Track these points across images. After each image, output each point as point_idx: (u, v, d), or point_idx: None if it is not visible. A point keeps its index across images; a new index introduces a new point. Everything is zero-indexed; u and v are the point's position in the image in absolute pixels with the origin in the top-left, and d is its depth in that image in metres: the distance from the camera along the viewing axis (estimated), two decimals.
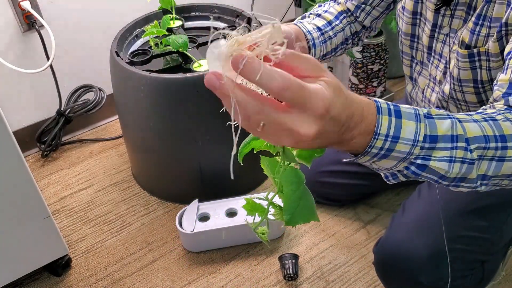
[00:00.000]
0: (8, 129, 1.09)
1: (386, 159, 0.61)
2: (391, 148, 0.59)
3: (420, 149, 0.60)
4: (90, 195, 1.63)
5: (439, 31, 0.99)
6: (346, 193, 1.46)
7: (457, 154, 0.63)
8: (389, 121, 0.58)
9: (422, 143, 0.60)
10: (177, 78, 1.34)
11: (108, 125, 1.91)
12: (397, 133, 0.58)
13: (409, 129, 0.59)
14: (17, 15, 1.57)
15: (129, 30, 1.54)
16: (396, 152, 0.59)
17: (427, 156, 0.61)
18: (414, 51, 1.09)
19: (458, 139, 0.63)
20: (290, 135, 0.52)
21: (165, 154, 1.49)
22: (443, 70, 1.01)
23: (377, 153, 0.59)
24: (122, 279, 1.38)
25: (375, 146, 0.58)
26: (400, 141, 0.59)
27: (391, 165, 0.62)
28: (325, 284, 1.32)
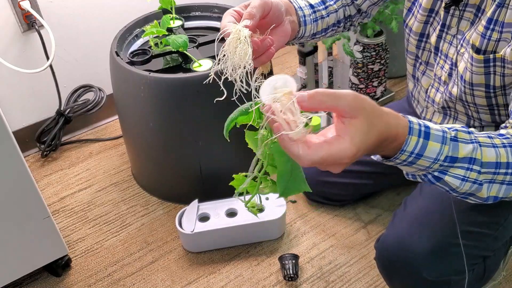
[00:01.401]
0: (8, 129, 1.09)
1: (408, 167, 0.72)
2: (414, 162, 0.70)
3: (439, 166, 0.71)
4: (90, 195, 1.63)
5: (447, 31, 0.99)
6: (347, 193, 1.46)
7: (471, 175, 0.72)
8: (417, 141, 0.69)
9: (442, 162, 0.70)
10: (177, 78, 1.34)
11: (108, 125, 1.90)
12: (422, 151, 0.69)
13: (433, 149, 0.69)
14: (17, 15, 1.56)
15: (129, 30, 1.54)
16: (417, 165, 0.70)
17: (444, 171, 0.71)
18: (421, 51, 1.09)
19: (475, 162, 0.72)
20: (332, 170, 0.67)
21: (165, 154, 1.49)
22: (448, 71, 1.01)
23: (400, 163, 0.71)
24: (122, 279, 1.38)
25: (400, 158, 0.69)
26: (423, 158, 0.69)
27: (411, 171, 0.73)
28: (325, 284, 1.32)
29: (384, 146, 0.67)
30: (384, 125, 0.67)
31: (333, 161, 0.64)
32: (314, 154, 0.62)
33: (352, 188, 1.43)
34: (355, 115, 0.63)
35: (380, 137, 0.66)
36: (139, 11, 1.59)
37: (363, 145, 0.64)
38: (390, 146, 0.68)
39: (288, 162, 0.72)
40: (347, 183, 1.41)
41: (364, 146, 0.64)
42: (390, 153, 0.70)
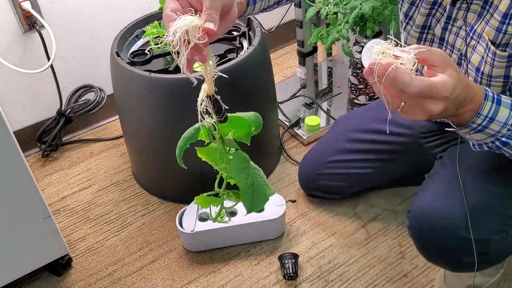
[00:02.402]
0: (9, 129, 1.09)
1: (480, 133, 0.83)
2: (487, 126, 0.81)
3: (507, 130, 0.83)
4: (91, 195, 1.63)
5: (452, 23, 1.00)
6: (348, 184, 1.45)
7: None
8: (491, 106, 0.81)
9: (510, 126, 0.83)
10: (177, 78, 1.35)
11: (109, 125, 1.91)
12: (494, 115, 0.81)
13: (504, 114, 0.82)
14: (18, 15, 1.57)
15: (129, 30, 1.55)
16: (489, 129, 0.82)
17: (510, 136, 0.84)
18: (422, 42, 1.09)
19: None
20: (424, 113, 0.75)
21: (166, 154, 1.49)
22: (457, 61, 1.03)
23: (475, 128, 0.82)
24: (122, 279, 1.38)
25: (476, 122, 0.81)
26: (495, 122, 0.81)
27: (482, 138, 0.84)
28: (324, 284, 1.33)
29: (465, 104, 0.78)
30: (468, 81, 0.79)
31: (436, 91, 0.73)
32: (422, 81, 0.72)
33: (353, 178, 1.43)
34: (446, 66, 0.75)
35: (466, 90, 0.77)
36: (140, 12, 1.60)
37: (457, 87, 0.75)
38: (470, 107, 0.80)
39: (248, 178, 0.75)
40: (347, 174, 1.41)
41: (458, 90, 0.75)
42: (467, 117, 0.81)
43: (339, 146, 1.42)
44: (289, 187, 1.60)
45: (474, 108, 0.80)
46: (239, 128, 0.78)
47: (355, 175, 1.41)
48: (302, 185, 1.54)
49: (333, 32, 1.55)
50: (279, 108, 1.81)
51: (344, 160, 1.41)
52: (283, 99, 1.86)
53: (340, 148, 1.41)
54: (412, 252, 1.38)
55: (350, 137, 1.41)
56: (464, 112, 0.80)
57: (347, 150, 1.41)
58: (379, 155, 1.37)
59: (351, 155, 1.40)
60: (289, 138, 1.78)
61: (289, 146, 1.75)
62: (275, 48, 2.21)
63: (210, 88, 0.74)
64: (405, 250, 1.39)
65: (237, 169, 0.74)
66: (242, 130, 0.79)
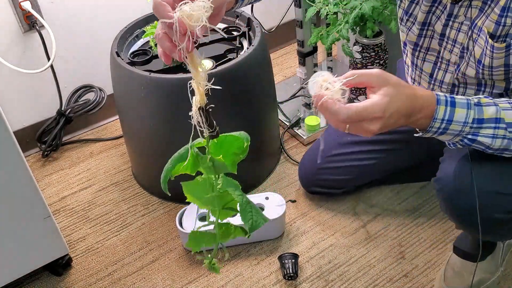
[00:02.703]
0: (9, 129, 1.09)
1: (444, 135, 0.88)
2: (447, 128, 0.86)
3: (469, 128, 0.87)
4: (91, 195, 1.64)
5: (453, 20, 1.01)
6: (351, 177, 1.45)
7: (499, 132, 0.88)
8: (445, 109, 0.86)
9: (471, 124, 0.87)
10: (177, 78, 1.35)
11: (109, 125, 1.91)
12: (451, 117, 0.86)
13: (461, 114, 0.86)
14: (18, 15, 1.57)
15: (129, 30, 1.55)
16: (451, 130, 0.87)
17: (475, 133, 0.88)
18: (422, 39, 1.10)
19: (500, 121, 0.88)
20: (365, 132, 0.83)
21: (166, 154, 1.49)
22: (459, 54, 1.04)
23: (436, 131, 0.87)
24: (122, 279, 1.38)
25: (434, 126, 0.86)
26: (453, 123, 0.86)
27: (449, 138, 0.89)
28: (324, 284, 1.33)
29: (415, 113, 0.84)
30: (412, 91, 0.84)
31: (366, 114, 0.80)
32: (349, 108, 0.79)
33: (355, 171, 1.43)
34: (381, 85, 0.81)
35: (408, 102, 0.83)
36: (140, 12, 1.60)
37: (392, 104, 0.80)
38: (422, 115, 0.85)
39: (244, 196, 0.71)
40: (350, 166, 1.42)
41: (394, 106, 0.81)
42: (424, 123, 0.86)
43: (341, 140, 1.42)
44: (289, 187, 1.60)
45: (427, 114, 0.85)
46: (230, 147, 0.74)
47: (358, 167, 1.42)
48: (302, 182, 1.53)
49: (333, 32, 1.55)
50: (279, 108, 1.81)
51: (347, 152, 1.41)
52: (283, 99, 1.86)
53: (342, 142, 1.42)
54: (412, 252, 1.38)
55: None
56: (416, 120, 0.86)
57: (349, 142, 1.42)
58: (382, 146, 1.38)
59: (353, 147, 1.41)
60: (289, 138, 1.78)
61: (289, 146, 1.75)
62: (275, 48, 2.21)
63: (202, 99, 0.70)
64: (405, 250, 1.39)
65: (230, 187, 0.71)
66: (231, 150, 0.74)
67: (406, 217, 1.48)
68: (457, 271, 1.25)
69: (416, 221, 1.46)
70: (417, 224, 1.46)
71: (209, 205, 0.73)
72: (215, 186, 0.70)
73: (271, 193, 1.47)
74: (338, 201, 1.53)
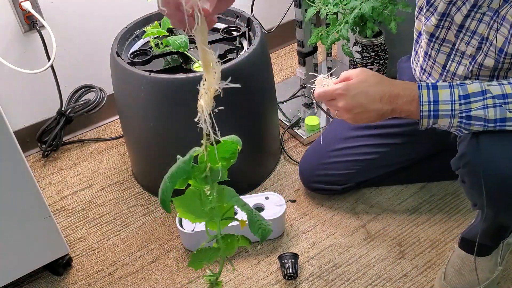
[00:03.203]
0: (9, 129, 1.09)
1: (439, 118, 0.93)
2: (437, 109, 0.92)
3: (459, 105, 0.91)
4: (91, 195, 1.64)
5: (476, 10, 1.02)
6: (353, 171, 1.45)
7: (488, 102, 0.91)
8: (428, 92, 0.92)
9: (459, 101, 0.91)
10: (177, 78, 1.35)
11: (109, 125, 1.91)
12: (436, 97, 0.92)
13: (445, 93, 0.92)
14: (18, 15, 1.57)
15: (129, 30, 1.55)
16: (442, 111, 0.92)
17: (467, 109, 0.91)
18: (439, 30, 1.11)
19: (486, 92, 0.91)
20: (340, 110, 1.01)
21: (165, 154, 1.49)
22: (477, 46, 1.05)
23: (429, 115, 0.93)
24: (122, 278, 1.38)
25: (424, 110, 0.93)
26: (441, 103, 0.92)
27: (448, 122, 0.94)
28: (324, 283, 1.33)
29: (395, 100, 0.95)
30: (388, 80, 0.96)
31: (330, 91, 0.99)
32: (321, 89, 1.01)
33: (358, 165, 1.43)
34: (357, 74, 0.97)
35: (381, 87, 0.95)
36: (140, 12, 1.60)
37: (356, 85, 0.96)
38: (403, 101, 0.94)
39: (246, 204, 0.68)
40: (353, 160, 1.42)
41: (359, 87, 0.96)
42: (413, 111, 0.94)
43: (343, 135, 1.43)
44: (289, 187, 1.60)
45: (411, 99, 0.94)
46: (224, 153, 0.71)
47: (360, 161, 1.42)
48: (302, 177, 1.53)
49: (333, 32, 1.56)
50: (279, 108, 1.81)
51: (349, 147, 1.42)
52: (283, 99, 1.87)
53: (344, 137, 1.42)
54: (412, 252, 1.38)
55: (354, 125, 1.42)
56: (403, 105, 0.95)
57: (351, 136, 1.42)
58: (385, 139, 1.39)
59: (356, 142, 1.41)
60: (289, 138, 1.78)
61: (289, 146, 1.75)
62: (275, 48, 2.21)
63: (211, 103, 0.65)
64: (405, 250, 1.39)
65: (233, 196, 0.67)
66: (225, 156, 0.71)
67: (406, 217, 1.48)
68: (458, 270, 1.25)
69: (416, 221, 1.46)
70: (417, 224, 1.46)
71: (205, 217, 0.69)
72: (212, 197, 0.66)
73: (271, 193, 1.47)
74: (338, 201, 1.54)
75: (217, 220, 0.69)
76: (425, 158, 1.47)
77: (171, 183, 0.66)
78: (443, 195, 1.53)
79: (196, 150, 0.67)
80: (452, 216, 1.47)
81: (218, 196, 0.67)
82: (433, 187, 1.56)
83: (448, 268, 1.27)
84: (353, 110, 0.98)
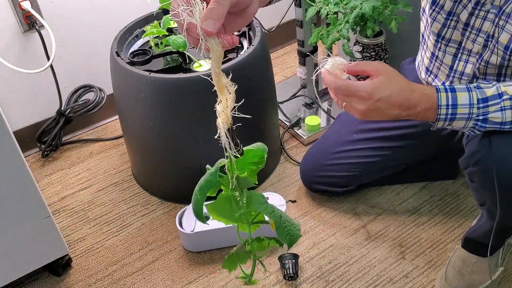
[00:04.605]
0: (8, 129, 1.09)
1: (455, 121, 0.92)
2: (454, 112, 0.91)
3: (477, 109, 0.91)
4: (90, 195, 1.63)
5: (480, 8, 1.02)
6: (354, 173, 1.44)
7: (505, 104, 0.91)
8: (446, 96, 0.91)
9: (477, 104, 0.91)
10: (177, 78, 1.35)
11: (108, 125, 1.91)
12: (455, 101, 0.91)
13: (464, 97, 0.91)
14: (17, 15, 1.57)
15: (129, 30, 1.54)
16: (459, 115, 0.91)
17: (485, 112, 0.92)
18: (445, 29, 1.11)
19: (503, 94, 0.92)
20: (353, 110, 0.93)
21: (165, 154, 1.49)
22: (482, 43, 1.05)
23: (446, 118, 0.92)
24: (122, 279, 1.38)
25: (441, 113, 0.91)
26: (459, 107, 0.91)
27: (462, 125, 0.93)
28: (325, 284, 1.32)
29: (413, 107, 0.91)
30: (408, 85, 0.91)
31: (354, 90, 0.89)
32: (340, 80, 0.90)
33: (360, 167, 1.43)
34: (378, 74, 0.90)
35: (403, 94, 0.90)
36: (140, 12, 1.59)
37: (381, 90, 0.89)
38: (421, 108, 0.91)
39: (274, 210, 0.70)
40: (355, 163, 1.42)
41: (383, 93, 0.89)
42: (430, 115, 0.92)
43: (346, 138, 1.43)
44: (289, 187, 1.60)
45: (427, 106, 0.92)
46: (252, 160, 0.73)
47: (363, 164, 1.42)
48: (303, 178, 1.53)
49: (333, 32, 1.55)
50: (279, 108, 1.81)
51: (352, 149, 1.41)
52: (283, 99, 1.86)
53: (347, 140, 1.42)
54: (412, 252, 1.38)
55: (357, 128, 1.42)
56: (418, 113, 0.93)
57: (354, 140, 1.42)
58: (388, 142, 1.38)
59: (359, 144, 1.41)
60: (289, 138, 1.78)
61: (289, 146, 1.75)
62: (275, 48, 2.21)
63: (228, 120, 0.68)
64: (405, 250, 1.39)
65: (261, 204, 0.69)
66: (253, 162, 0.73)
67: (407, 218, 1.48)
68: (459, 270, 1.25)
69: (416, 222, 1.46)
70: (417, 224, 1.45)
71: (237, 222, 0.72)
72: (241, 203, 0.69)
73: (271, 193, 1.47)
74: (339, 202, 1.53)
75: (247, 224, 0.71)
76: (427, 160, 1.47)
77: (201, 196, 0.70)
78: (444, 195, 1.53)
79: (222, 161, 0.71)
80: (453, 217, 1.47)
81: (247, 202, 0.69)
82: (433, 188, 1.56)
83: (449, 269, 1.27)
84: (368, 113, 0.93)
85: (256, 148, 0.74)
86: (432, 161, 1.48)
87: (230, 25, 0.68)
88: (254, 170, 0.74)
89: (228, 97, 0.66)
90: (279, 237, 0.72)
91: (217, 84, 0.66)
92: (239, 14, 0.69)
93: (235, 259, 0.76)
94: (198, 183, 0.70)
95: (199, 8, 0.62)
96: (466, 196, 1.52)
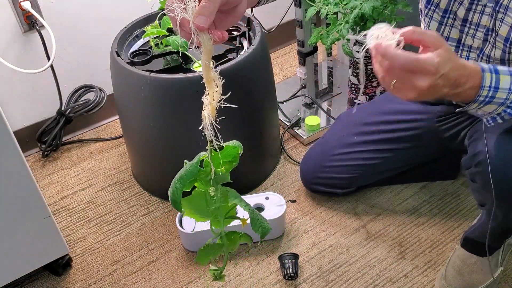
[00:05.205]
0: (9, 129, 1.09)
1: (489, 105, 0.87)
2: (493, 96, 0.85)
3: None
4: (91, 195, 1.63)
5: (477, 2, 1.02)
6: (354, 175, 1.45)
7: None
8: (491, 76, 0.85)
9: None
10: (177, 78, 1.35)
11: (109, 125, 1.91)
12: (497, 84, 0.85)
13: (506, 81, 0.86)
14: (18, 15, 1.57)
15: (129, 30, 1.55)
16: (497, 99, 0.86)
17: None
18: (442, 27, 1.11)
19: None
20: (413, 89, 0.80)
21: (165, 154, 1.49)
22: (483, 38, 1.05)
23: (483, 100, 0.86)
24: (122, 279, 1.38)
25: (482, 95, 0.85)
26: (500, 90, 0.85)
27: (493, 109, 0.88)
28: (324, 284, 1.32)
29: (462, 82, 0.83)
30: (461, 61, 0.83)
31: (422, 64, 0.78)
32: (405, 54, 0.77)
33: (360, 169, 1.43)
34: (437, 46, 0.79)
35: (459, 70, 0.82)
36: (140, 12, 1.59)
37: (444, 65, 0.79)
38: (469, 86, 0.84)
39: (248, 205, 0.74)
40: (355, 165, 1.42)
41: (445, 68, 0.79)
42: (470, 94, 0.85)
43: (346, 140, 1.43)
44: (289, 187, 1.60)
45: (474, 85, 0.84)
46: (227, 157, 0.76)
47: (363, 166, 1.42)
48: (303, 179, 1.53)
49: (333, 32, 1.55)
50: (279, 108, 1.81)
51: (352, 151, 1.42)
52: (283, 99, 1.86)
53: (348, 142, 1.42)
54: (412, 252, 1.38)
55: (358, 130, 1.42)
56: (464, 91, 0.84)
57: (355, 142, 1.42)
58: (389, 145, 1.38)
59: (360, 147, 1.41)
60: (289, 138, 1.78)
61: (289, 146, 1.75)
62: (275, 48, 2.21)
63: (213, 113, 0.71)
64: (405, 250, 1.39)
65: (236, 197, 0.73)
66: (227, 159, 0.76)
67: (406, 217, 1.48)
68: (458, 270, 1.25)
69: (416, 221, 1.46)
70: (417, 224, 1.46)
71: (210, 217, 0.75)
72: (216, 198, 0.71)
73: (271, 193, 1.47)
74: (338, 201, 1.53)
75: (221, 218, 0.73)
76: (428, 161, 1.47)
77: (181, 185, 0.71)
78: (443, 195, 1.53)
79: (202, 154, 0.73)
80: (452, 217, 1.47)
81: (222, 197, 0.71)
82: (433, 188, 1.56)
83: (449, 269, 1.27)
84: (429, 91, 0.80)
85: (232, 145, 0.76)
86: (433, 162, 1.49)
87: (221, 23, 0.73)
88: (228, 168, 0.75)
89: (215, 90, 0.70)
90: (253, 228, 0.75)
91: (205, 77, 0.70)
92: (229, 12, 0.74)
93: (207, 253, 0.78)
94: (178, 173, 0.72)
95: (192, 6, 0.67)
96: (466, 196, 1.52)
